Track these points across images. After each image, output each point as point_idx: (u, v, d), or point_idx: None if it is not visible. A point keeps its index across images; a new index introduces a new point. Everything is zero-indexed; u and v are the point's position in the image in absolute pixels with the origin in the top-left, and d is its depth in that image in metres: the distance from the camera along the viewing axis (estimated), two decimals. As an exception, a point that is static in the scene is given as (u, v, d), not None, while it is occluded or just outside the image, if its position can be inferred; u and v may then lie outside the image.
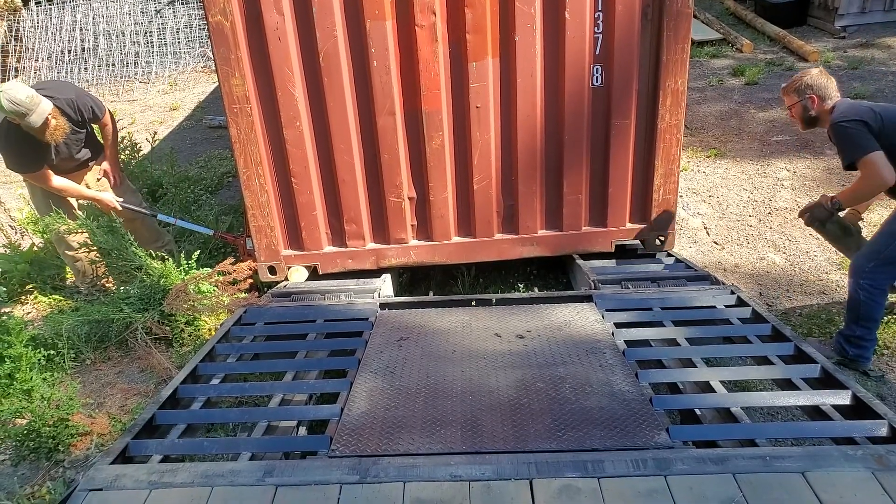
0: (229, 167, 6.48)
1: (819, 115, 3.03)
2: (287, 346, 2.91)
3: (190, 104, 9.52)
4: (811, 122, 3.08)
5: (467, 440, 2.08)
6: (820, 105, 3.01)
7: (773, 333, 2.69)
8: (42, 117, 3.56)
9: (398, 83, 3.33)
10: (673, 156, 3.47)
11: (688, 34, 3.23)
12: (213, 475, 1.92)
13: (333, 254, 3.72)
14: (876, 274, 3.02)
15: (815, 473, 1.79)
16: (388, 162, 3.47)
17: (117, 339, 3.76)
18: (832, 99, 3.00)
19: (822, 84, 2.99)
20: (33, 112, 3.52)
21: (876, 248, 3.05)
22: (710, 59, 8.45)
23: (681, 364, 2.61)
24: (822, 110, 3.02)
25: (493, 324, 2.95)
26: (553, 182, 3.58)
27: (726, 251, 4.54)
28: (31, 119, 3.53)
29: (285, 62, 3.25)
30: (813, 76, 3.02)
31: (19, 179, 7.13)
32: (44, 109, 3.56)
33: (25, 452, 3.00)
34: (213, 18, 3.14)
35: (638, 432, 2.05)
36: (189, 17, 10.76)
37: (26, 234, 5.17)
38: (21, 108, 3.48)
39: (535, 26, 3.22)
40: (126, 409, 3.33)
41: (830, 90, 2.99)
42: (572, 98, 3.36)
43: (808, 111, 3.05)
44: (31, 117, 3.53)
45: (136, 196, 4.53)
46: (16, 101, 3.46)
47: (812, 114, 3.04)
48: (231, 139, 3.40)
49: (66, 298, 4.41)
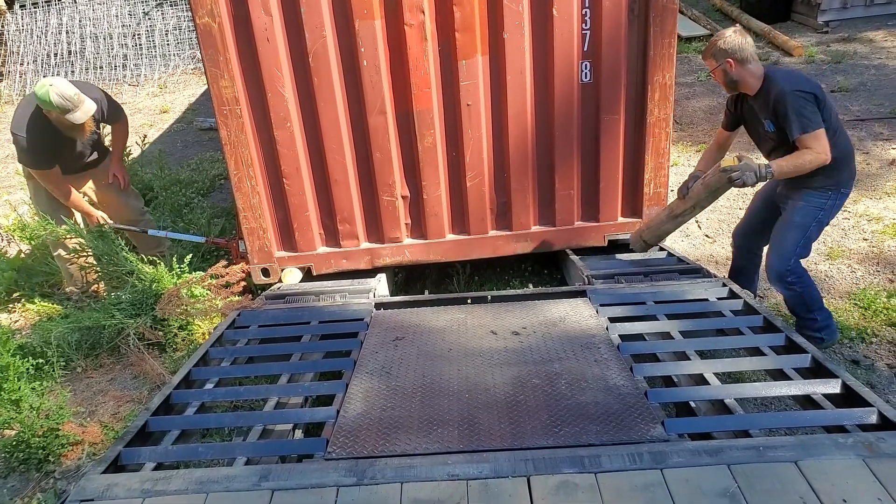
0: (221, 169, 6.44)
1: (739, 78, 2.87)
2: (282, 349, 2.90)
3: (180, 106, 9.45)
4: (734, 85, 2.93)
5: (464, 439, 2.08)
6: (738, 68, 2.84)
7: (764, 325, 2.70)
8: (87, 115, 3.64)
9: (388, 82, 3.32)
10: (663, 150, 3.48)
11: (674, 29, 3.25)
12: (208, 481, 1.91)
13: (327, 254, 3.70)
14: (796, 266, 3.06)
15: (808, 462, 1.81)
16: (381, 161, 3.47)
17: (109, 346, 3.73)
18: (752, 61, 2.84)
19: (736, 46, 2.81)
20: (78, 109, 3.59)
21: (789, 247, 3.02)
22: (698, 54, 8.49)
23: (675, 357, 2.61)
24: (741, 73, 2.85)
25: (489, 321, 2.95)
26: (545, 178, 3.59)
27: (717, 244, 4.56)
28: (76, 115, 3.59)
29: (274, 63, 3.24)
30: (727, 39, 2.84)
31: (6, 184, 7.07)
32: (89, 107, 3.64)
33: (15, 464, 2.96)
34: (201, 20, 3.12)
35: (634, 426, 2.06)
36: (178, 19, 10.70)
37: (13, 241, 5.11)
38: (68, 104, 3.54)
39: (523, 24, 3.22)
40: (119, 416, 3.30)
41: (748, 48, 2.83)
42: (562, 94, 3.37)
43: (728, 75, 2.89)
44: (75, 113, 3.59)
45: (139, 200, 4.57)
46: (65, 95, 3.52)
47: (733, 77, 2.88)
48: (221, 141, 3.38)
49: (55, 305, 4.37)
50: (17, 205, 5.58)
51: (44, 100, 3.54)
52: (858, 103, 6.40)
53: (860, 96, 6.55)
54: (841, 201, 2.95)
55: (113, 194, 4.29)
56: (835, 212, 2.98)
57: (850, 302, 3.73)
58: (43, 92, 3.52)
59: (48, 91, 3.50)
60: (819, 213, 2.95)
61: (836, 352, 3.33)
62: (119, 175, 4.29)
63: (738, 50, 2.81)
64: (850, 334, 3.44)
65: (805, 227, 2.98)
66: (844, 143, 2.88)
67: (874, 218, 4.54)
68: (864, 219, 4.57)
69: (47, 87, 3.52)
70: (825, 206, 2.93)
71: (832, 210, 2.96)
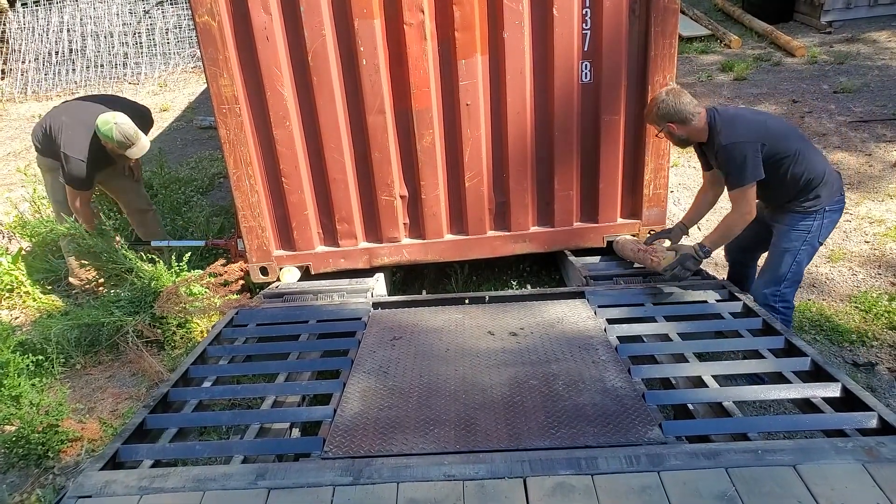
0: (220, 168, 6.43)
1: (689, 135, 2.87)
2: (279, 348, 2.90)
3: (180, 105, 9.44)
4: (684, 143, 2.93)
5: (461, 439, 2.08)
6: (681, 129, 2.83)
7: (763, 327, 2.70)
8: (143, 152, 3.95)
9: (388, 82, 3.32)
10: (663, 151, 3.47)
11: (675, 29, 3.24)
12: (205, 479, 1.91)
13: (325, 253, 3.70)
14: (787, 291, 3.00)
15: (807, 466, 1.80)
16: (379, 160, 3.46)
17: (108, 343, 3.73)
18: (695, 115, 2.80)
19: (672, 110, 2.78)
20: (136, 146, 3.88)
21: (778, 274, 2.97)
22: (699, 55, 8.48)
23: (673, 359, 2.61)
24: (688, 131, 2.84)
25: (487, 322, 2.95)
26: (544, 178, 3.58)
27: (718, 246, 4.55)
28: (132, 151, 3.89)
29: (274, 62, 3.23)
30: (662, 105, 2.80)
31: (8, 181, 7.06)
32: (144, 145, 3.94)
33: (14, 460, 2.97)
34: (201, 19, 3.11)
35: (631, 428, 2.06)
36: (178, 18, 10.68)
37: (14, 238, 5.11)
38: (128, 142, 3.83)
39: (523, 23, 3.21)
40: (117, 413, 3.30)
41: (686, 109, 2.78)
42: (561, 94, 3.36)
43: (674, 136, 2.90)
44: (133, 149, 3.88)
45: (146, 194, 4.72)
46: (126, 134, 3.81)
47: (680, 137, 2.89)
48: (220, 140, 3.38)
49: (55, 301, 4.37)
50: (17, 202, 5.58)
51: (107, 136, 3.79)
52: (861, 105, 6.39)
53: (863, 97, 6.54)
54: (830, 219, 2.87)
55: (128, 183, 4.45)
56: (825, 231, 2.89)
57: (850, 305, 3.72)
58: (107, 129, 3.77)
59: (112, 129, 3.77)
60: (806, 236, 2.87)
61: (837, 355, 3.32)
62: (133, 167, 4.46)
63: (676, 113, 2.79)
64: (850, 338, 3.43)
65: (794, 252, 2.91)
66: (814, 165, 2.79)
67: (876, 220, 4.53)
68: (865, 221, 4.56)
69: (112, 125, 3.78)
70: (811, 227, 2.85)
71: (821, 231, 2.87)
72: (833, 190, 2.84)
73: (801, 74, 7.41)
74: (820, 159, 2.86)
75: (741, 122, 2.78)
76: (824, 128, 6.00)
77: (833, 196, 2.84)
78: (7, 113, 9.91)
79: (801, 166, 2.78)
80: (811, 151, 2.84)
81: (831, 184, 2.84)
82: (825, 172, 2.82)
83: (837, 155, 5.46)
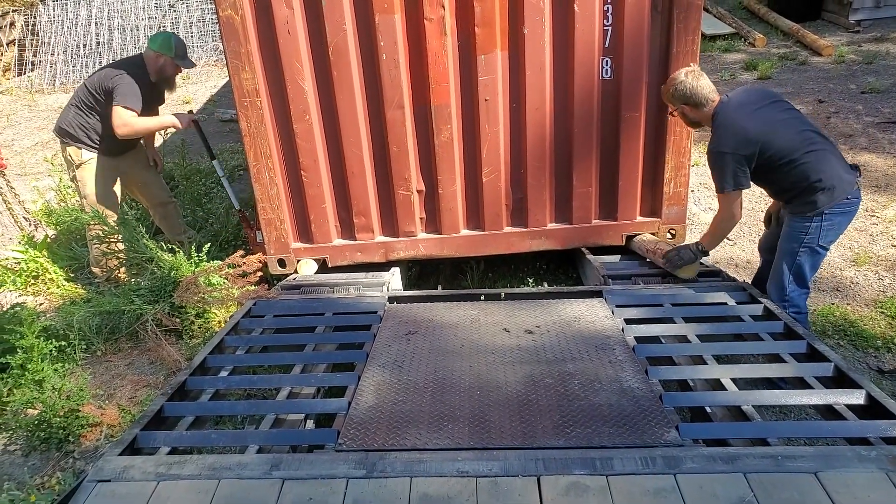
0: (241, 160, 6.48)
1: (700, 119, 2.92)
2: (295, 339, 2.92)
3: (202, 97, 9.54)
4: (696, 125, 3.01)
5: (475, 436, 2.07)
6: (695, 112, 2.89)
7: (785, 331, 2.65)
8: (192, 65, 4.27)
9: (407, 77, 3.31)
10: (684, 149, 3.43)
11: (698, 25, 3.19)
12: (221, 468, 1.92)
13: (342, 246, 3.71)
14: (795, 297, 2.95)
15: (828, 474, 1.76)
16: (397, 155, 3.46)
17: (128, 331, 3.78)
18: (708, 102, 2.84)
19: (689, 91, 2.83)
20: (187, 57, 4.14)
21: (781, 277, 2.94)
22: (723, 53, 8.36)
23: (691, 361, 2.58)
24: (700, 116, 2.90)
25: (502, 319, 2.94)
26: (563, 175, 3.55)
27: (738, 247, 4.49)
28: (187, 62, 4.13)
29: (295, 56, 3.24)
30: (679, 85, 2.84)
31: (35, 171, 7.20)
32: (192, 62, 4.25)
33: (36, 443, 3.03)
34: (224, 12, 3.14)
35: (647, 430, 2.03)
36: (202, 12, 10.78)
37: (40, 226, 5.21)
38: (182, 50, 4.05)
39: (543, 19, 3.19)
40: (135, 400, 3.35)
41: (701, 93, 2.82)
42: (582, 90, 3.33)
43: (687, 117, 2.97)
44: (187, 61, 4.13)
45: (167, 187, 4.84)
46: (184, 43, 4.09)
47: (693, 119, 2.95)
48: (241, 132, 3.40)
49: (79, 289, 4.45)
50: (44, 191, 5.68)
51: (164, 44, 3.97)
52: (890, 105, 6.24)
53: (892, 98, 6.39)
54: (832, 221, 2.80)
55: (151, 175, 4.53)
56: (826, 234, 2.82)
57: (876, 310, 3.64)
58: (165, 37, 4.02)
59: (169, 36, 4.03)
60: (803, 237, 2.82)
61: (861, 361, 3.26)
62: (157, 159, 4.61)
63: (692, 96, 2.85)
64: (875, 343, 3.36)
65: (792, 253, 2.87)
66: (817, 170, 2.73)
67: (903, 223, 4.43)
68: (893, 224, 4.46)
69: (169, 34, 4.08)
70: (809, 229, 2.80)
71: (819, 233, 2.80)
72: (836, 194, 2.75)
73: (828, 74, 7.27)
74: (828, 164, 2.76)
75: (731, 128, 2.78)
76: (851, 129, 5.87)
77: (836, 199, 2.75)
78: (36, 104, 10.10)
79: (798, 171, 2.75)
80: (818, 155, 2.75)
81: (834, 188, 2.74)
82: (829, 177, 2.73)
83: (864, 156, 5.34)
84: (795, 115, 2.87)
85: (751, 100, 2.89)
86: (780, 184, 2.88)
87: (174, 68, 4.07)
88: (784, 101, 2.93)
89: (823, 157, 2.76)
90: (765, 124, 2.77)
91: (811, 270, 2.92)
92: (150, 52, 4.00)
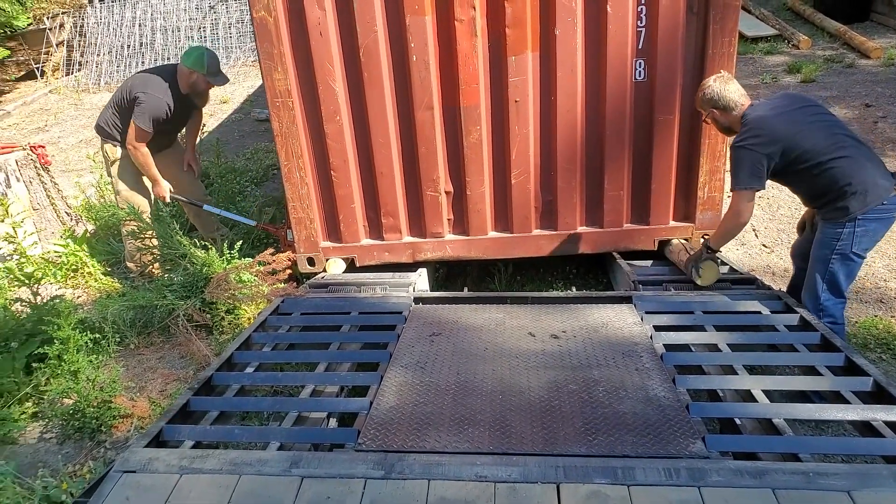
0: (274, 160, 6.58)
1: (731, 124, 2.90)
2: (321, 338, 2.94)
3: (239, 97, 9.73)
4: (727, 130, 2.96)
5: (495, 440, 2.05)
6: (724, 116, 2.88)
7: (821, 343, 2.56)
8: (225, 81, 4.17)
9: (437, 78, 3.31)
10: (719, 152, 3.34)
11: (735, 27, 3.11)
12: (242, 463, 1.95)
13: (370, 246, 3.73)
14: (829, 306, 2.84)
15: (863, 493, 1.69)
16: (426, 156, 3.46)
17: (160, 325, 3.87)
18: (737, 106, 2.83)
19: (717, 95, 2.83)
20: (219, 74, 4.13)
21: (814, 285, 2.86)
22: (765, 55, 8.13)
23: (721, 371, 2.50)
24: (730, 120, 2.88)
25: (528, 323, 2.90)
26: (594, 178, 3.50)
27: (776, 254, 4.35)
28: (219, 78, 4.13)
29: (326, 57, 3.27)
30: (707, 90, 2.87)
31: (79, 168, 7.45)
32: (225, 77, 4.18)
33: (70, 432, 3.12)
34: (258, 14, 3.19)
35: (672, 440, 1.98)
36: (241, 13, 11.01)
37: (80, 221, 5.38)
38: (214, 66, 4.08)
39: (575, 20, 3.15)
40: (165, 393, 3.42)
41: (729, 97, 2.82)
42: (614, 92, 3.27)
43: (718, 122, 2.94)
44: (219, 77, 4.12)
45: (202, 187, 4.89)
46: (214, 58, 4.07)
47: (724, 124, 2.93)
48: (273, 132, 3.45)
49: (115, 283, 4.57)
50: (85, 187, 5.87)
51: (197, 60, 4.00)
52: (941, 110, 5.98)
53: (943, 103, 6.12)
54: (866, 228, 2.70)
55: (186, 179, 4.61)
56: (859, 241, 2.71)
57: (921, 323, 3.48)
58: (198, 53, 4.02)
59: (203, 53, 4.02)
60: (835, 244, 2.74)
61: (902, 375, 3.12)
62: (193, 164, 4.65)
63: (720, 99, 2.84)
64: (919, 358, 3.21)
65: (824, 260, 2.80)
66: (838, 173, 2.66)
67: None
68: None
69: (202, 50, 4.03)
70: (840, 235, 2.73)
71: (851, 239, 2.71)
72: (869, 199, 2.65)
73: (876, 77, 7.00)
74: (860, 168, 2.66)
75: (756, 126, 2.76)
76: (899, 134, 5.64)
77: (870, 204, 2.65)
78: (82, 102, 10.46)
79: (828, 175, 2.67)
80: (849, 160, 2.66)
81: (867, 193, 2.65)
82: (861, 182, 2.64)
83: (913, 163, 5.13)
84: (828, 119, 2.79)
85: (782, 103, 2.85)
86: (809, 188, 2.82)
87: (206, 84, 4.15)
88: (818, 106, 2.85)
89: (855, 162, 2.67)
90: (791, 125, 2.72)
91: (846, 279, 2.81)
92: (184, 68, 4.06)
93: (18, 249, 4.37)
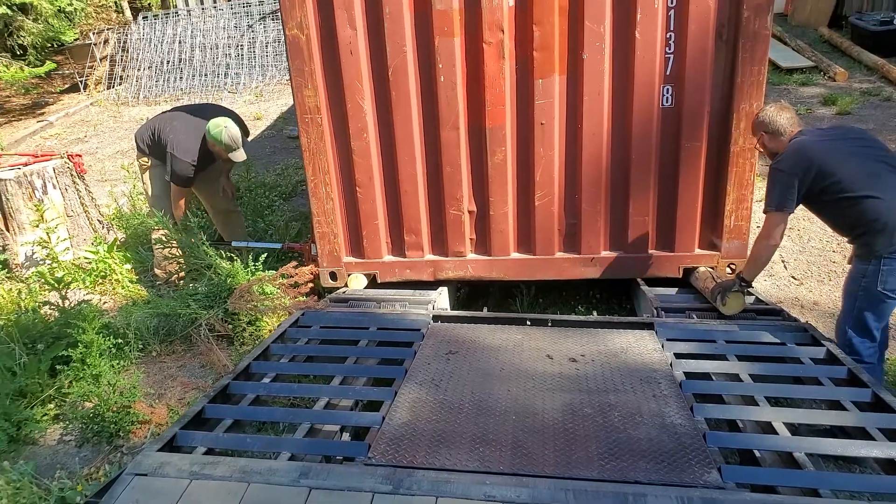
0: (303, 176, 6.61)
1: (778, 149, 2.91)
2: (338, 351, 2.95)
3: (273, 114, 9.96)
4: (773, 154, 2.95)
5: (506, 461, 2.02)
6: (773, 141, 2.91)
7: (848, 377, 2.48)
8: (243, 158, 4.31)
9: (464, 98, 3.35)
10: (746, 181, 3.30)
11: (765, 56, 3.09)
12: (251, 472, 1.96)
13: (392, 263, 3.75)
14: (855, 344, 2.77)
15: (887, 534, 1.62)
16: (450, 175, 3.49)
17: (182, 334, 3.93)
18: (786, 133, 2.86)
19: (769, 120, 2.88)
20: (238, 150, 4.23)
21: (841, 320, 2.87)
22: (800, 86, 8.03)
23: (742, 401, 2.44)
24: (777, 145, 2.90)
25: (547, 345, 2.88)
26: (618, 202, 3.48)
27: (805, 287, 4.25)
28: (236, 154, 4.23)
29: (356, 75, 3.34)
30: (763, 114, 2.92)
31: (113, 178, 7.67)
32: (244, 153, 4.29)
33: (89, 435, 3.17)
34: (290, 32, 3.28)
35: (687, 468, 1.93)
36: (277, 32, 11.32)
37: (112, 229, 5.52)
38: (234, 145, 4.19)
39: (604, 45, 3.17)
40: (184, 401, 3.46)
41: (779, 123, 2.86)
42: (641, 118, 3.27)
43: (766, 147, 2.96)
44: (236, 153, 4.22)
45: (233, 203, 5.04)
46: (234, 139, 4.17)
47: (771, 149, 2.94)
48: (301, 148, 3.52)
49: (141, 290, 4.67)
50: (118, 196, 6.04)
51: (216, 138, 4.14)
52: (981, 146, 5.82)
53: (984, 138, 5.96)
54: (890, 268, 2.64)
55: (220, 201, 4.80)
56: (886, 280, 2.66)
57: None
58: (217, 131, 4.14)
59: (222, 131, 4.13)
60: (862, 280, 2.73)
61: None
62: (229, 189, 4.87)
63: (770, 123, 2.90)
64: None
65: (852, 296, 2.79)
66: (868, 209, 2.62)
67: None
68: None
69: (222, 128, 4.13)
70: (866, 272, 2.71)
71: (877, 277, 2.67)
72: (889, 241, 2.61)
73: (915, 111, 6.85)
74: (882, 208, 2.61)
75: (795, 149, 2.78)
76: (937, 168, 5.49)
77: (890, 246, 2.62)
78: (120, 115, 10.81)
79: (858, 209, 2.64)
80: (882, 199, 2.61)
81: (893, 234, 2.60)
82: (889, 222, 2.59)
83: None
84: (877, 154, 2.73)
85: (831, 132, 2.89)
86: (838, 220, 2.81)
87: (226, 156, 4.29)
88: (870, 139, 2.83)
89: (888, 201, 2.61)
90: (831, 152, 2.71)
91: (874, 319, 2.74)
92: (209, 138, 4.21)
93: (51, 254, 4.51)
